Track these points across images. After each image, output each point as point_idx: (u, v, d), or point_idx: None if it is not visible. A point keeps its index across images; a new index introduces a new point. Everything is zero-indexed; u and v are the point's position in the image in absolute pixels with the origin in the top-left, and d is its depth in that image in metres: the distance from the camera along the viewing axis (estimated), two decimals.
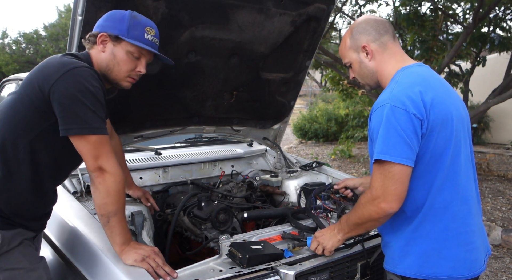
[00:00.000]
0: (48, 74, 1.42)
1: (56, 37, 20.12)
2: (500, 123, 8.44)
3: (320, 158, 8.46)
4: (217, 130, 2.84)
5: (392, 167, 1.38)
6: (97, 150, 1.43)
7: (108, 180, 1.45)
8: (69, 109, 1.39)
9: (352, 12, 7.74)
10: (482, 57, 5.99)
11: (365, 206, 1.47)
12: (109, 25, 1.55)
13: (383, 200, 1.40)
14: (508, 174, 6.41)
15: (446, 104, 1.48)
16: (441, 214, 1.46)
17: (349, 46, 1.64)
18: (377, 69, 1.61)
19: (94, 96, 1.42)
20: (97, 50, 1.57)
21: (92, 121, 1.41)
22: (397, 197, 1.40)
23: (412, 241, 1.49)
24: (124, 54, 1.56)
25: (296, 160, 3.05)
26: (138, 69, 1.61)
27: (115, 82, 1.62)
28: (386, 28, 1.60)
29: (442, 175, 1.46)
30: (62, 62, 1.45)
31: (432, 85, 1.49)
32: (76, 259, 1.66)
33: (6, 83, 3.90)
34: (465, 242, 1.48)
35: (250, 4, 2.12)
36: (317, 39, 2.58)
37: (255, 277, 1.51)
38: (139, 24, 1.56)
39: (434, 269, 1.46)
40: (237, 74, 2.50)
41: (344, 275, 1.74)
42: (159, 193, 2.54)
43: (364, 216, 1.49)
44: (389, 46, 1.59)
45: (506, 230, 4.25)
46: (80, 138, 1.42)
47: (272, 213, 2.34)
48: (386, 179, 1.40)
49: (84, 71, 1.43)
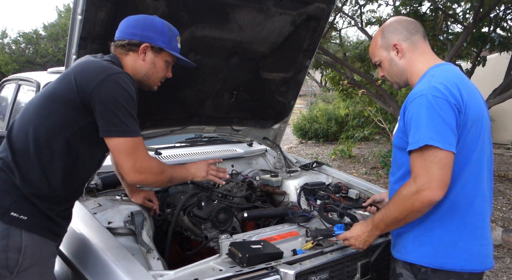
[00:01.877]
0: (89, 77, 1.47)
1: (55, 37, 20.08)
2: (500, 123, 8.43)
3: (320, 158, 8.46)
4: (217, 130, 2.84)
5: (438, 153, 1.38)
6: (136, 151, 1.52)
7: (148, 178, 1.56)
8: (111, 112, 1.46)
9: (352, 12, 7.72)
10: (482, 57, 5.97)
11: (408, 197, 1.43)
12: (152, 37, 1.63)
13: (428, 188, 1.39)
14: (508, 174, 6.40)
15: (479, 103, 1.54)
16: (463, 208, 1.49)
17: (380, 45, 1.68)
18: (407, 67, 1.64)
19: (132, 100, 1.51)
20: (134, 58, 1.65)
21: (131, 124, 1.50)
22: (443, 184, 1.39)
23: (430, 232, 1.51)
24: (163, 64, 1.70)
25: (296, 160, 3.05)
26: (168, 74, 1.76)
27: (149, 87, 1.74)
28: (417, 28, 1.64)
29: (468, 170, 1.49)
30: (102, 66, 1.52)
31: (466, 82, 1.53)
32: (76, 259, 1.66)
33: (6, 83, 3.90)
34: (481, 236, 1.52)
35: (250, 4, 2.12)
36: (317, 39, 2.58)
37: (255, 277, 1.51)
38: (174, 36, 1.69)
39: (449, 259, 1.49)
40: (237, 74, 2.50)
41: (344, 274, 1.74)
42: (159, 193, 2.53)
43: (406, 209, 1.45)
44: (420, 45, 1.63)
45: (506, 230, 4.25)
46: (119, 140, 1.49)
47: (272, 213, 2.34)
48: (432, 165, 1.39)
49: (124, 77, 1.51)
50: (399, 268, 1.61)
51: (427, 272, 1.51)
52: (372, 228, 1.62)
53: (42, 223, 1.49)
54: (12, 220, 1.43)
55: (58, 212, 1.55)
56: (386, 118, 7.90)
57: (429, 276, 1.51)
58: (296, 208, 2.37)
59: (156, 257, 1.76)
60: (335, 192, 2.55)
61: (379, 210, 1.67)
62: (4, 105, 3.79)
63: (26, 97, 3.33)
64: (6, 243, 1.42)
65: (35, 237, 1.47)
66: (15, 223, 1.43)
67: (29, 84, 3.24)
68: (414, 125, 1.44)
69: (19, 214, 1.44)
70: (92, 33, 1.84)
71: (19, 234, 1.44)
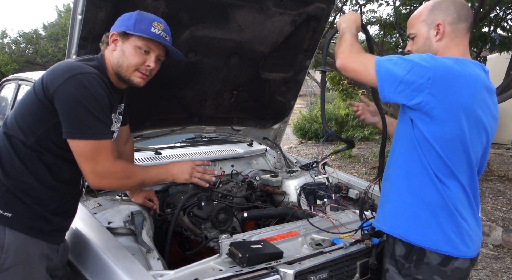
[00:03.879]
0: (54, 76, 1.44)
1: (55, 37, 20.08)
2: (500, 123, 8.37)
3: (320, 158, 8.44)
4: (217, 129, 2.84)
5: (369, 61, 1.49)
6: (96, 155, 1.46)
7: (110, 182, 1.51)
8: (71, 113, 1.42)
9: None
10: (482, 57, 5.98)
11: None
12: (118, 25, 1.61)
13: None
14: (508, 174, 6.40)
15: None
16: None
17: (423, 18, 1.57)
18: (439, 51, 1.56)
19: (97, 102, 1.44)
20: (109, 50, 1.62)
21: (93, 126, 1.44)
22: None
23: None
24: (132, 49, 1.59)
25: (296, 160, 3.05)
26: (147, 63, 1.62)
27: (126, 78, 1.63)
28: (468, 16, 1.55)
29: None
30: (70, 65, 1.48)
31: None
32: (76, 259, 1.66)
33: (6, 83, 3.89)
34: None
35: (250, 4, 2.12)
36: (317, 38, 2.58)
37: (255, 276, 1.50)
38: (146, 19, 1.60)
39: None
40: (237, 74, 2.50)
41: (343, 274, 1.74)
42: (159, 192, 2.53)
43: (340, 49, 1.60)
44: (461, 35, 1.56)
45: (506, 230, 4.25)
46: (77, 142, 1.44)
47: (272, 213, 2.34)
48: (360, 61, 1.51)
49: (89, 76, 1.45)
50: (386, 264, 1.63)
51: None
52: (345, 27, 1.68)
53: (29, 221, 1.47)
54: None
55: (49, 209, 1.52)
56: None
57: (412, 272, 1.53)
58: (296, 208, 2.37)
59: (156, 257, 1.76)
60: (335, 192, 2.55)
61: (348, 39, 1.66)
62: (4, 105, 3.79)
63: None
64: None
65: (19, 236, 1.44)
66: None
67: (29, 84, 3.23)
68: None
69: (3, 211, 1.43)
70: (92, 33, 1.84)
71: (3, 231, 1.42)
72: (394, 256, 1.59)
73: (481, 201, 5.22)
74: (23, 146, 1.47)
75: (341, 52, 1.58)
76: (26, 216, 1.47)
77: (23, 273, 1.46)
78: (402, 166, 1.57)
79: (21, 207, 1.46)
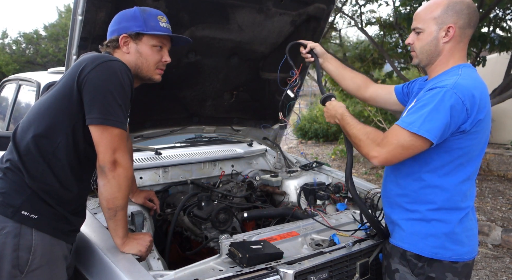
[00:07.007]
0: (83, 66, 1.45)
1: (56, 37, 20.09)
2: (500, 123, 8.43)
3: (320, 158, 8.46)
4: (217, 130, 2.84)
5: (416, 140, 1.42)
6: (116, 143, 1.45)
7: (122, 174, 1.46)
8: (97, 99, 1.42)
9: (352, 12, 7.73)
10: (482, 57, 5.98)
11: (365, 147, 1.53)
12: (126, 26, 1.60)
13: (377, 157, 1.48)
14: (508, 174, 6.41)
15: (489, 109, 1.54)
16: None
17: (435, 16, 1.52)
18: (443, 53, 1.55)
19: (124, 91, 1.46)
20: (120, 53, 1.62)
21: (116, 114, 1.44)
22: (389, 161, 1.49)
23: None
24: (149, 49, 1.61)
25: (296, 160, 3.05)
26: (164, 59, 1.66)
27: (147, 78, 1.67)
28: (476, 23, 1.55)
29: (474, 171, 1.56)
30: (97, 55, 1.51)
31: (484, 89, 1.52)
32: (76, 259, 1.67)
33: (6, 83, 3.90)
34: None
35: (250, 4, 2.12)
36: (317, 39, 2.58)
37: (255, 277, 1.51)
38: (151, 15, 1.61)
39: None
40: (237, 74, 2.51)
41: (343, 274, 1.74)
42: (159, 193, 2.53)
43: (357, 145, 1.60)
44: (465, 40, 1.56)
45: (506, 230, 4.25)
46: (102, 128, 1.44)
47: (272, 213, 2.35)
48: (398, 145, 1.45)
49: (119, 64, 1.47)
50: (394, 264, 1.63)
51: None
52: (342, 113, 1.74)
53: (53, 222, 1.48)
54: (23, 219, 1.43)
55: (70, 209, 1.53)
56: (386, 118, 7.91)
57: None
58: (296, 208, 2.38)
59: (156, 257, 1.76)
60: (335, 192, 2.55)
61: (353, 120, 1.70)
62: (4, 105, 3.79)
63: (27, 97, 3.34)
64: (17, 242, 1.41)
65: (45, 237, 1.46)
66: (26, 222, 1.43)
67: (30, 84, 3.24)
68: (415, 105, 1.47)
69: (30, 213, 1.44)
70: (92, 34, 1.84)
71: (30, 233, 1.43)
72: (405, 256, 1.59)
73: (481, 201, 5.23)
74: (50, 147, 1.47)
75: (366, 146, 1.54)
76: (50, 218, 1.48)
77: (49, 274, 1.47)
78: (404, 172, 1.62)
79: (46, 208, 1.47)
